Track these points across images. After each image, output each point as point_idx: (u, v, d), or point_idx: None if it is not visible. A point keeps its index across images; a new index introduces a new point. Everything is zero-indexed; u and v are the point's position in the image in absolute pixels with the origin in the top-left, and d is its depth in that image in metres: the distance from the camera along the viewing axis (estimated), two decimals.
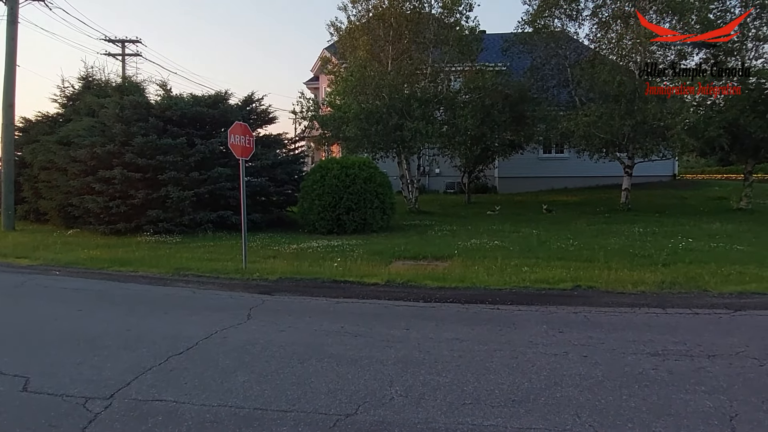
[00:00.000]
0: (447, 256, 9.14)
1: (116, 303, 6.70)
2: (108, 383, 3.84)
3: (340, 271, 8.02)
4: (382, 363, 4.25)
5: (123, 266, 8.96)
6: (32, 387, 3.81)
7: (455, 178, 23.92)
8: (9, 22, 15.67)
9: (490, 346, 4.69)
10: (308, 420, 3.26)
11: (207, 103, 14.53)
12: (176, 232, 12.91)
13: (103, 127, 14.06)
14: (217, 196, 13.68)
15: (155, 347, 4.66)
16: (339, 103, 16.69)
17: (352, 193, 12.61)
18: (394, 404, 3.50)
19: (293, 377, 3.96)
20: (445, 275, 7.57)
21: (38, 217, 17.01)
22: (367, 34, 17.24)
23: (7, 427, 3.19)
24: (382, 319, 5.67)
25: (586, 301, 6.30)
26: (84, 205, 13.45)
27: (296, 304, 6.42)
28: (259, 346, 4.70)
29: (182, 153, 13.33)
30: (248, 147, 9.13)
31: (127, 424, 3.22)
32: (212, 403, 3.52)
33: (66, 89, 18.64)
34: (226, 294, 7.00)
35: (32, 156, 16.30)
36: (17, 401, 3.58)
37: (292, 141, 17.47)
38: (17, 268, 9.32)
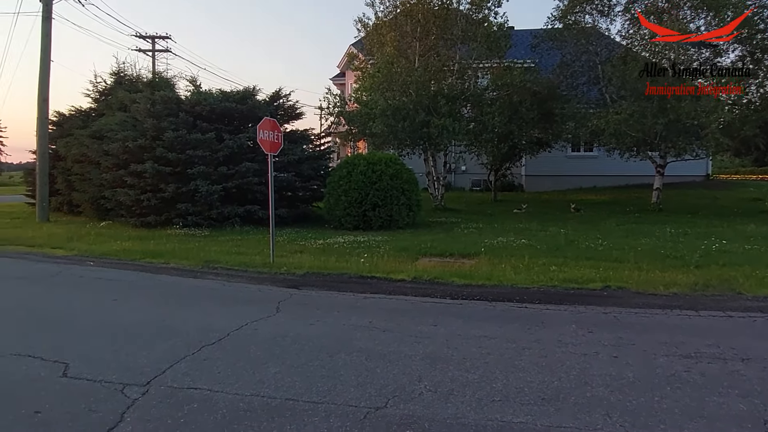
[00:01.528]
0: (473, 254, 9.10)
1: (149, 294, 6.87)
2: (144, 371, 3.94)
3: (367, 266, 8.06)
4: (410, 358, 4.27)
5: (154, 258, 9.16)
6: (72, 373, 3.94)
7: (481, 176, 23.75)
8: (44, 18, 16.11)
9: (519, 344, 4.67)
10: (339, 412, 3.30)
11: (235, 98, 14.72)
12: (205, 225, 13.14)
13: (134, 121, 14.37)
14: (245, 191, 13.86)
15: (188, 337, 4.76)
16: (365, 99, 16.71)
17: (378, 189, 12.64)
18: (423, 399, 3.52)
19: (323, 370, 4.01)
20: (471, 273, 7.54)
21: (71, 209, 17.47)
22: (395, 30, 17.22)
23: (50, 411, 3.31)
24: (410, 315, 5.69)
25: (616, 302, 6.20)
26: (116, 198, 13.78)
27: (324, 298, 6.49)
28: (289, 338, 4.76)
29: (211, 148, 13.54)
30: (277, 142, 9.22)
31: (163, 410, 3.31)
32: (245, 392, 3.59)
33: (98, 84, 19.09)
34: (254, 287, 7.11)
35: (66, 149, 16.74)
36: (58, 386, 3.71)
37: (319, 137, 17.60)
38: (53, 258, 9.60)
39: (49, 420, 3.19)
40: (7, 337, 4.82)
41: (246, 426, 3.12)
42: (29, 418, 3.21)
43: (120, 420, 3.18)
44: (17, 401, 3.44)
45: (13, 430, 3.06)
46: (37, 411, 3.29)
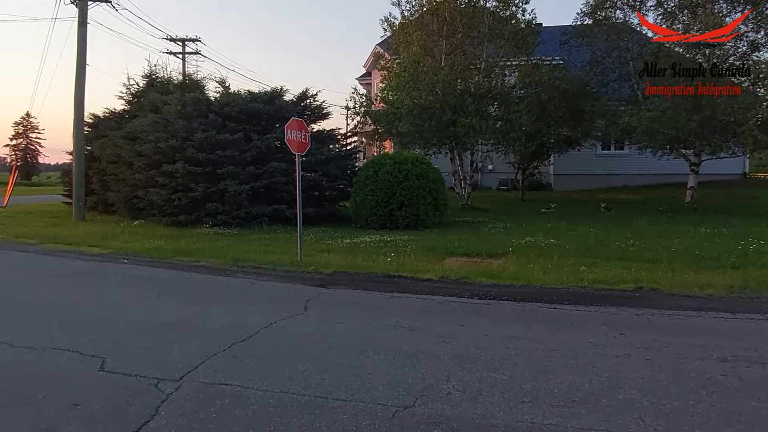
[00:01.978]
0: (501, 254, 9.03)
1: (181, 291, 7.03)
2: (177, 366, 4.04)
3: (394, 266, 8.07)
4: (438, 358, 4.27)
5: (185, 256, 9.35)
6: (109, 367, 4.06)
7: (509, 175, 23.53)
8: (80, 23, 16.59)
9: (548, 345, 4.61)
10: (367, 410, 3.33)
11: (263, 99, 14.91)
12: (233, 224, 13.35)
13: (166, 122, 14.68)
14: (272, 190, 14.03)
15: (219, 334, 4.85)
16: (392, 98, 16.74)
17: (404, 188, 12.64)
18: (451, 399, 3.51)
19: (351, 368, 4.04)
20: (499, 272, 7.49)
21: (106, 208, 17.94)
22: (421, 29, 17.18)
23: (89, 404, 3.42)
24: (437, 314, 5.69)
25: (648, 303, 6.07)
26: (148, 198, 14.10)
27: (351, 297, 6.53)
28: (317, 336, 4.81)
29: (239, 148, 13.76)
30: (304, 142, 9.31)
31: (196, 405, 3.39)
32: (275, 389, 3.64)
33: (131, 87, 19.50)
34: (282, 285, 7.20)
35: (101, 150, 17.19)
36: (96, 379, 3.83)
37: (345, 136, 17.68)
38: (89, 256, 9.89)
39: (88, 412, 3.29)
40: (47, 332, 4.99)
41: (276, 422, 3.17)
42: (70, 410, 3.33)
43: (155, 414, 3.26)
44: (58, 394, 3.56)
45: (55, 421, 3.17)
46: (77, 404, 3.41)
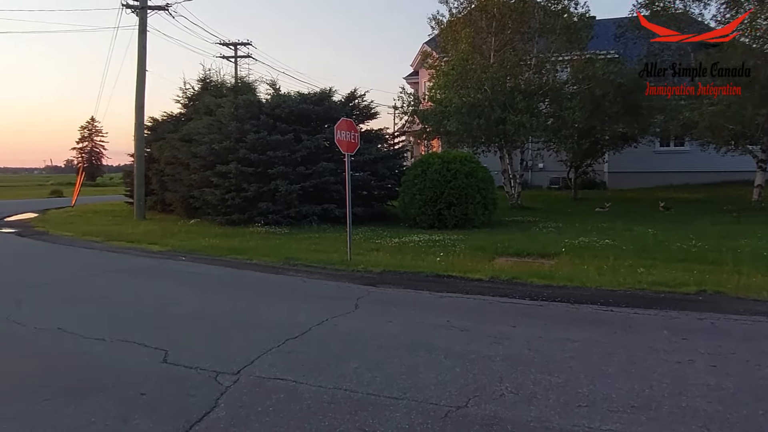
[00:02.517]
0: (553, 254, 8.82)
1: (235, 288, 7.25)
2: (234, 360, 4.17)
3: (443, 265, 8.04)
4: (490, 359, 4.22)
5: (239, 254, 9.63)
6: (171, 359, 4.24)
7: (560, 173, 22.91)
8: (140, 31, 17.40)
9: (605, 348, 4.47)
10: (420, 409, 3.33)
11: (312, 100, 15.16)
12: (284, 223, 13.64)
13: (219, 125, 15.17)
14: (322, 190, 14.25)
15: (273, 330, 4.98)
16: (440, 97, 16.64)
17: (453, 188, 12.56)
18: (505, 400, 3.47)
19: (402, 367, 4.05)
20: (551, 273, 7.32)
21: (164, 207, 18.73)
22: (469, 26, 17.00)
23: (153, 393, 3.59)
24: (488, 315, 5.62)
25: (712, 307, 5.78)
26: (203, 197, 14.61)
27: (401, 296, 6.54)
28: (368, 335, 4.86)
29: (290, 148, 14.04)
30: (353, 142, 9.40)
31: (253, 398, 3.49)
32: (328, 385, 3.70)
33: (187, 91, 20.26)
34: (333, 284, 7.30)
35: (159, 152, 17.96)
36: (160, 371, 4.01)
37: (393, 136, 17.74)
38: (149, 253, 10.36)
39: (153, 401, 3.46)
40: (114, 325, 5.26)
41: (330, 418, 3.22)
42: (136, 399, 3.50)
43: (215, 405, 3.38)
44: (126, 383, 3.76)
45: (124, 409, 3.35)
46: (143, 393, 3.58)
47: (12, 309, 5.81)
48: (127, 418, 3.22)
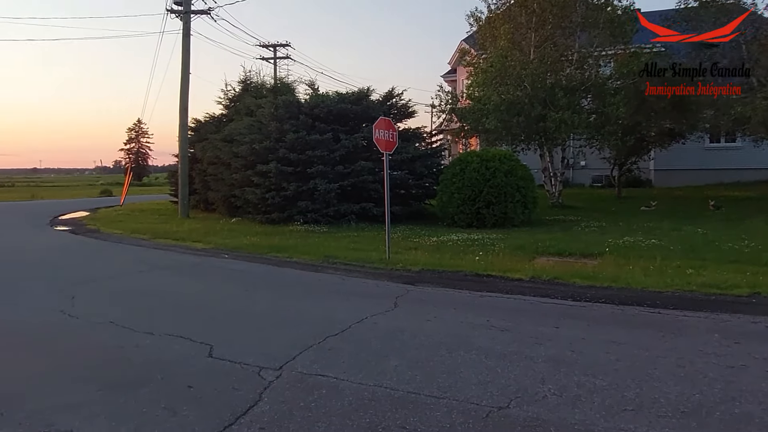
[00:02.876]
0: (596, 254, 8.60)
1: (276, 285, 7.38)
2: (276, 356, 4.25)
3: (482, 264, 7.96)
4: (531, 360, 4.15)
5: (279, 252, 9.80)
6: (216, 354, 4.36)
7: (603, 171, 22.30)
8: (183, 35, 17.91)
9: (652, 352, 4.34)
10: (461, 408, 3.31)
11: (350, 99, 15.26)
12: (323, 222, 13.80)
13: (260, 125, 15.47)
14: (360, 189, 14.33)
15: (313, 327, 5.05)
16: (478, 94, 16.44)
17: (492, 186, 12.42)
18: (547, 402, 3.41)
19: (443, 366, 4.04)
20: (595, 274, 7.14)
21: (207, 206, 19.25)
22: (508, 22, 16.73)
23: (200, 387, 3.70)
24: (529, 315, 5.53)
25: (767, 311, 5.52)
26: (244, 196, 14.94)
27: (440, 295, 6.52)
28: (408, 333, 4.86)
29: (328, 148, 14.18)
30: (392, 141, 9.41)
31: (296, 394, 3.55)
32: (368, 382, 3.73)
33: (228, 92, 20.73)
34: (372, 282, 7.34)
35: (202, 152, 18.46)
36: (205, 365, 4.14)
37: (431, 134, 17.68)
38: (193, 250, 10.66)
39: (200, 394, 3.56)
40: (161, 319, 5.45)
41: (371, 414, 3.24)
42: (184, 391, 3.62)
43: (259, 399, 3.46)
44: (173, 376, 3.89)
45: (173, 401, 3.46)
46: (190, 386, 3.70)
47: (67, 303, 6.10)
48: (175, 410, 3.33)
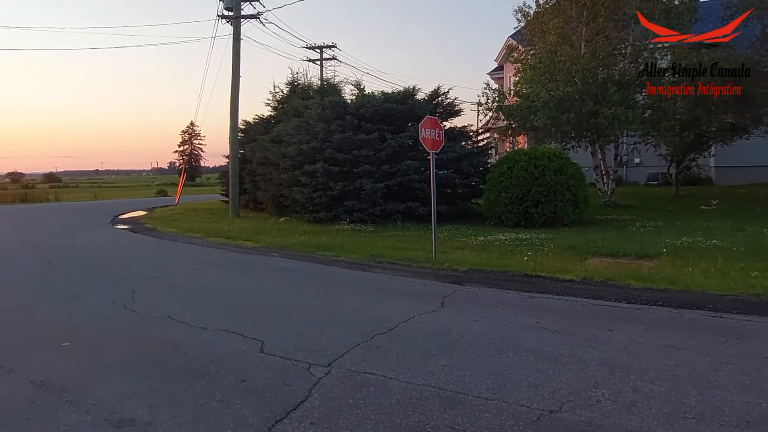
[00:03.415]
0: (652, 255, 8.27)
1: (324, 283, 7.49)
2: (325, 353, 4.32)
3: (531, 265, 7.81)
4: (584, 363, 4.04)
5: (326, 251, 9.94)
6: (267, 349, 4.47)
7: (659, 169, 21.45)
8: (234, 39, 18.41)
9: (714, 358, 4.13)
10: (510, 410, 3.26)
11: (396, 99, 15.29)
12: (369, 221, 13.89)
13: (307, 126, 15.73)
14: (406, 188, 14.34)
15: (361, 325, 5.09)
16: (526, 91, 16.14)
17: (540, 185, 12.16)
18: (601, 407, 3.31)
19: (491, 367, 3.99)
20: (651, 275, 6.86)
21: (256, 205, 19.76)
22: (558, 16, 16.31)
23: (252, 381, 3.80)
24: (581, 317, 5.38)
25: None
26: (292, 196, 15.23)
27: (487, 295, 6.43)
28: (455, 333, 4.83)
29: (374, 147, 14.26)
30: (438, 140, 9.36)
31: (345, 390, 3.60)
32: (416, 381, 3.73)
33: (276, 94, 21.18)
34: (418, 281, 7.32)
35: (251, 153, 18.95)
36: (257, 360, 4.25)
37: (477, 133, 17.48)
38: (244, 249, 10.96)
39: (252, 388, 3.66)
40: (215, 315, 5.63)
41: (420, 414, 3.24)
42: (237, 385, 3.73)
43: (308, 395, 3.52)
44: (227, 370, 4.01)
45: (227, 394, 3.58)
46: (243, 380, 3.81)
47: (128, 298, 6.40)
48: (229, 402, 3.44)
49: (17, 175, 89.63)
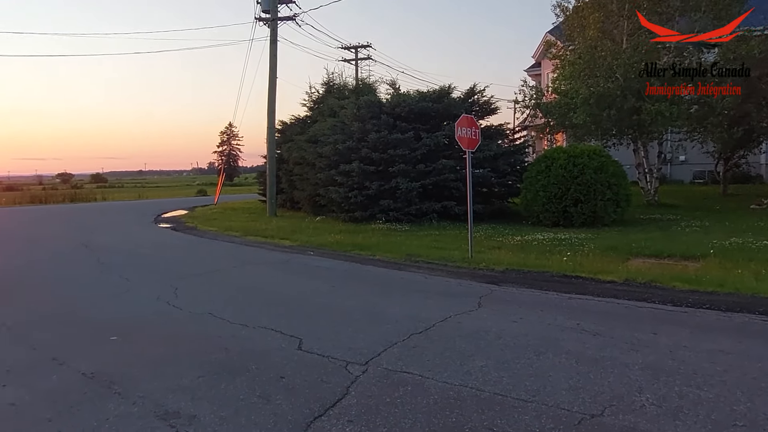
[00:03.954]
0: (699, 256, 7.98)
1: (360, 282, 7.53)
2: (362, 351, 4.35)
3: (570, 265, 7.65)
4: (626, 367, 3.93)
5: (362, 250, 9.99)
6: (305, 347, 4.53)
7: (706, 167, 20.65)
8: (271, 41, 18.71)
9: (765, 363, 3.96)
10: (550, 413, 3.21)
11: (431, 98, 15.23)
12: (404, 220, 13.89)
13: (342, 125, 15.85)
14: (441, 187, 14.27)
15: (397, 325, 5.10)
16: (565, 88, 15.82)
17: (580, 183, 11.90)
18: (645, 412, 3.21)
19: (530, 369, 3.93)
20: (697, 277, 6.62)
21: (293, 205, 20.04)
22: (598, 10, 15.90)
23: (291, 377, 3.86)
24: (623, 319, 5.24)
25: None
26: (328, 195, 15.37)
27: (525, 296, 6.34)
28: (492, 334, 4.78)
29: (410, 147, 14.24)
30: (474, 139, 9.28)
31: (382, 389, 3.61)
32: (453, 382, 3.71)
33: (312, 94, 21.43)
34: (454, 281, 7.28)
35: (288, 153, 19.22)
36: (296, 357, 4.31)
37: (514, 131, 17.23)
38: (282, 248, 11.13)
39: (291, 385, 3.72)
40: (254, 312, 5.75)
41: (457, 414, 3.22)
42: (276, 381, 3.80)
43: (346, 393, 3.56)
44: (266, 366, 4.09)
45: (266, 390, 3.65)
46: (282, 376, 3.88)
47: (171, 295, 6.60)
48: (269, 398, 3.51)
49: (67, 175, 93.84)
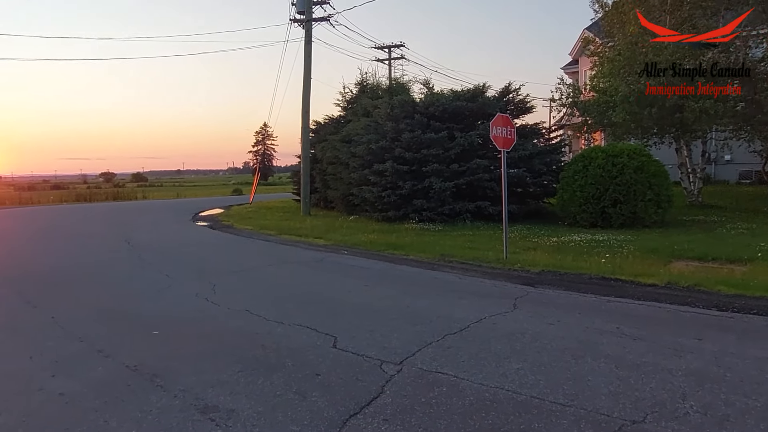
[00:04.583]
0: (746, 259, 7.67)
1: (394, 282, 7.54)
2: (397, 351, 4.35)
3: (609, 267, 7.47)
4: (669, 372, 3.82)
5: (396, 250, 10.00)
6: (339, 345, 4.57)
7: (753, 166, 19.79)
8: (305, 42, 18.90)
9: None
10: (589, 418, 3.14)
11: (466, 97, 15.12)
12: (437, 220, 13.83)
13: (376, 125, 15.90)
14: (475, 187, 14.15)
15: (432, 325, 5.09)
16: (603, 86, 15.42)
17: (619, 183, 11.61)
18: (689, 420, 3.11)
19: (568, 372, 3.86)
20: (744, 281, 6.37)
21: (326, 204, 20.22)
22: (639, 5, 15.42)
23: (326, 375, 3.90)
24: (666, 324, 5.08)
25: None
26: (362, 195, 15.44)
27: (562, 298, 6.22)
28: (529, 336, 4.71)
29: (443, 146, 14.17)
30: (509, 138, 9.16)
31: (417, 389, 3.61)
32: (489, 384, 3.67)
33: (346, 94, 21.60)
34: (489, 282, 7.21)
35: (322, 153, 19.40)
36: (331, 355, 4.35)
37: (550, 130, 16.94)
38: (316, 246, 11.24)
39: (327, 382, 3.76)
40: (290, 310, 5.82)
41: (493, 416, 3.19)
42: (312, 378, 3.84)
43: (381, 392, 3.57)
44: (302, 363, 4.14)
45: (302, 387, 3.69)
46: (317, 374, 3.92)
47: (209, 292, 6.76)
48: (305, 395, 3.55)
49: (109, 175, 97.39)
